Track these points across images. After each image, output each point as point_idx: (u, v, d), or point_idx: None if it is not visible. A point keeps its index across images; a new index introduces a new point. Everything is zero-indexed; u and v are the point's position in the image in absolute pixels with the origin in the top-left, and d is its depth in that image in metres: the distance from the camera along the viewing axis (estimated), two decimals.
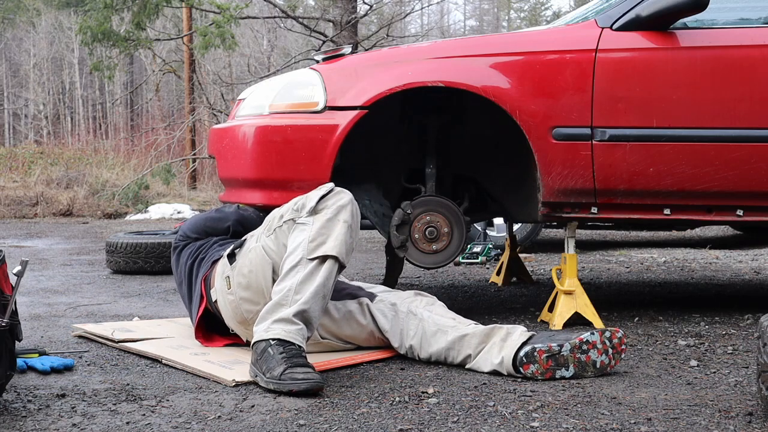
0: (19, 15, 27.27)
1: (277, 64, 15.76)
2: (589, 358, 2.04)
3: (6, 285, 1.77)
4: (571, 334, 2.08)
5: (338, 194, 2.17)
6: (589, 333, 2.06)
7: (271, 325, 2.01)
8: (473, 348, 2.13)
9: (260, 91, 2.91)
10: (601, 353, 2.06)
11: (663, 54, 2.72)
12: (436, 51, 2.86)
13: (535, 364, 2.02)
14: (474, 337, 2.14)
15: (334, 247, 2.09)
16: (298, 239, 2.11)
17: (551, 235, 7.04)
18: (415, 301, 2.32)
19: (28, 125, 28.85)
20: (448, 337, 2.17)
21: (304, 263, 2.07)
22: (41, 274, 4.63)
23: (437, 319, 2.22)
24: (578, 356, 2.03)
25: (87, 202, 11.56)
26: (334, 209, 2.13)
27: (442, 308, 2.30)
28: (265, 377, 1.92)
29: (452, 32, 34.62)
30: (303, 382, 1.88)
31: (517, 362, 2.03)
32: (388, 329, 2.28)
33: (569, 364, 2.03)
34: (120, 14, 10.57)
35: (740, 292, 3.74)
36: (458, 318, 2.25)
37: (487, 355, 2.10)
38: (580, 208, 2.76)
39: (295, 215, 2.17)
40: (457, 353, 2.16)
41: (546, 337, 2.09)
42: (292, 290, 2.04)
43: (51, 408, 1.81)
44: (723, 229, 7.60)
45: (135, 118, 24.34)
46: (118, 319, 3.02)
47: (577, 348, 2.03)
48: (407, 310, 2.27)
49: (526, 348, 2.03)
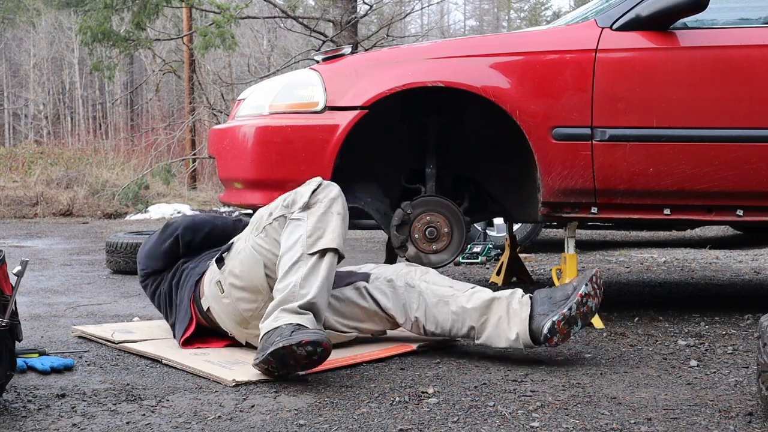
0: (19, 15, 27.27)
1: (277, 64, 15.77)
2: (589, 307, 2.19)
3: (6, 285, 1.77)
4: (567, 290, 2.20)
5: (327, 187, 2.21)
6: (583, 285, 2.18)
7: (279, 314, 2.03)
8: (476, 320, 2.23)
9: (260, 91, 2.91)
10: (595, 298, 2.20)
11: (663, 54, 2.72)
12: (436, 51, 2.86)
13: (557, 335, 2.14)
14: (475, 311, 2.23)
15: (333, 240, 2.13)
16: (295, 235, 2.13)
17: (551, 235, 7.04)
18: (410, 272, 2.36)
19: (28, 125, 28.84)
20: (451, 308, 2.26)
21: (305, 258, 2.10)
22: (41, 274, 4.63)
23: (436, 289, 2.30)
24: (582, 310, 2.17)
25: (87, 202, 11.55)
26: (327, 202, 2.17)
27: (437, 276, 2.37)
28: (274, 346, 1.93)
29: (452, 32, 34.61)
30: (314, 334, 1.91)
31: (542, 339, 2.14)
32: (391, 306, 2.33)
33: (578, 320, 2.17)
34: (120, 14, 10.57)
35: (740, 292, 3.74)
36: (455, 284, 2.32)
37: (497, 330, 2.20)
38: (580, 208, 2.76)
39: (286, 211, 2.20)
40: (461, 325, 2.26)
41: (547, 300, 2.19)
42: (297, 285, 2.06)
43: (51, 408, 1.81)
44: (723, 229, 7.60)
45: (135, 118, 24.33)
46: (118, 319, 3.02)
47: (581, 304, 2.17)
48: (405, 284, 2.33)
49: (547, 323, 2.14)
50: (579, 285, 2.19)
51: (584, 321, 2.18)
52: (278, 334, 1.96)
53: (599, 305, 2.23)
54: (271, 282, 2.19)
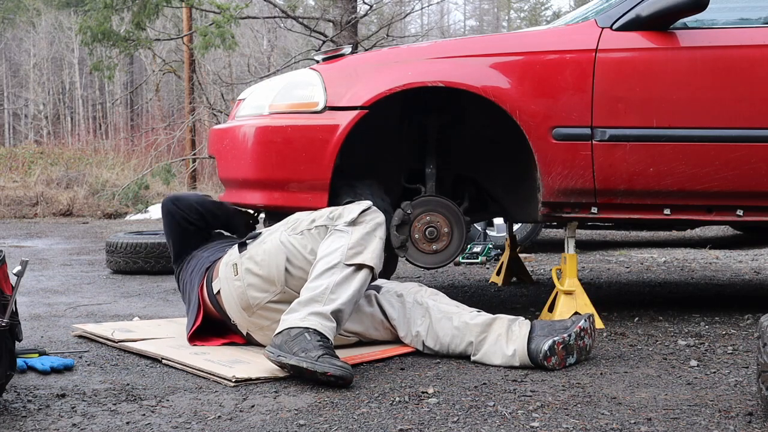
0: (19, 15, 27.28)
1: (277, 64, 15.76)
2: (584, 343, 2.22)
3: (6, 285, 1.77)
4: (566, 323, 2.23)
5: (376, 212, 2.28)
6: (583, 320, 2.22)
7: (308, 316, 2.07)
8: (475, 336, 2.25)
9: (260, 91, 2.91)
10: (590, 337, 2.24)
11: (663, 54, 2.72)
12: (436, 51, 2.86)
13: (555, 356, 2.15)
14: (476, 326, 2.26)
15: (372, 258, 2.20)
16: (336, 244, 2.20)
17: (551, 235, 7.04)
18: (420, 291, 2.42)
19: (28, 125, 28.84)
20: (453, 323, 2.29)
21: (341, 267, 2.15)
22: (41, 274, 4.63)
23: (442, 306, 2.34)
24: (579, 343, 2.20)
25: (87, 202, 11.56)
26: (373, 225, 2.25)
27: (445, 298, 2.41)
28: (299, 356, 1.97)
29: (452, 32, 34.61)
30: (339, 369, 1.94)
31: (541, 356, 2.14)
32: (396, 317, 2.37)
33: (573, 352, 2.19)
34: (120, 14, 10.56)
35: (740, 292, 3.74)
36: (462, 306, 2.36)
37: (495, 347, 2.22)
38: (580, 208, 2.76)
39: (330, 222, 2.26)
40: (460, 340, 2.27)
41: (546, 326, 2.22)
42: (328, 289, 2.11)
43: (51, 408, 1.81)
44: (723, 229, 7.60)
45: (135, 118, 24.34)
46: (118, 319, 3.02)
47: (579, 336, 2.20)
48: (413, 300, 2.38)
49: (547, 342, 2.15)
50: (578, 320, 2.23)
51: (579, 355, 2.20)
52: (303, 346, 1.99)
53: (593, 347, 2.27)
54: (288, 277, 2.24)
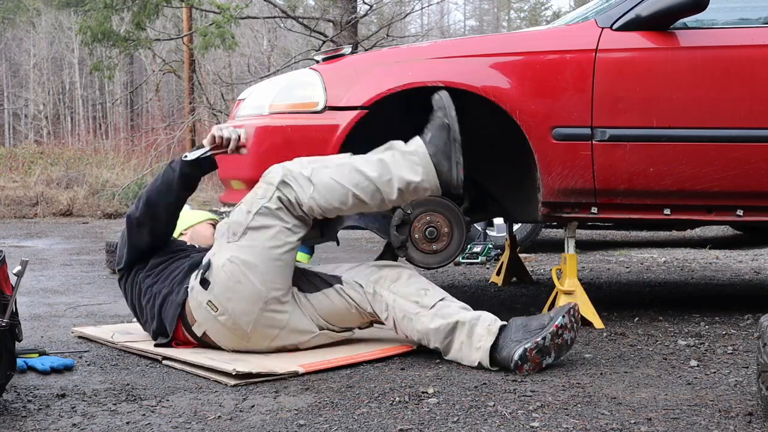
0: (19, 15, 27.30)
1: (277, 64, 15.76)
2: (564, 340, 2.16)
3: (6, 285, 1.77)
4: (543, 320, 2.16)
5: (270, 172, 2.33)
6: (560, 317, 2.14)
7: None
8: (440, 342, 2.23)
9: (260, 91, 2.91)
10: (571, 331, 2.17)
11: (663, 54, 2.71)
12: (436, 51, 2.86)
13: (527, 363, 2.10)
14: (438, 334, 2.22)
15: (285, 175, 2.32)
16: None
17: (551, 235, 7.04)
18: (380, 280, 2.33)
19: (28, 125, 28.85)
20: (415, 326, 2.25)
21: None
22: (41, 274, 4.63)
23: (402, 304, 2.28)
24: (556, 341, 2.14)
25: (87, 202, 11.56)
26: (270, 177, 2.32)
27: (405, 284, 2.31)
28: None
29: (452, 32, 34.60)
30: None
31: (512, 365, 2.10)
32: (368, 306, 2.33)
33: (551, 351, 2.14)
34: (120, 14, 10.58)
35: (740, 292, 3.74)
36: (422, 298, 2.27)
37: (461, 354, 2.20)
38: (580, 208, 2.76)
39: (264, 201, 2.27)
40: (427, 342, 2.27)
41: (521, 328, 2.15)
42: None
43: (51, 408, 1.81)
44: (723, 229, 7.60)
45: (135, 118, 24.34)
46: (118, 319, 3.02)
47: (556, 335, 2.14)
48: (373, 291, 2.32)
49: (518, 351, 2.10)
50: (556, 316, 2.15)
51: (558, 354, 2.15)
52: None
53: (575, 339, 2.21)
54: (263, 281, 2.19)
